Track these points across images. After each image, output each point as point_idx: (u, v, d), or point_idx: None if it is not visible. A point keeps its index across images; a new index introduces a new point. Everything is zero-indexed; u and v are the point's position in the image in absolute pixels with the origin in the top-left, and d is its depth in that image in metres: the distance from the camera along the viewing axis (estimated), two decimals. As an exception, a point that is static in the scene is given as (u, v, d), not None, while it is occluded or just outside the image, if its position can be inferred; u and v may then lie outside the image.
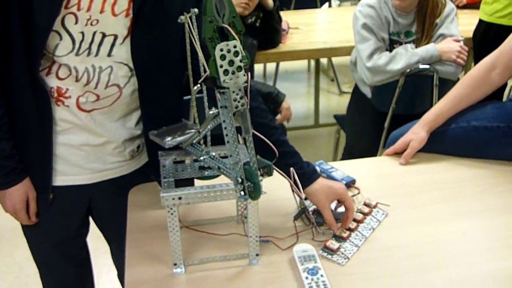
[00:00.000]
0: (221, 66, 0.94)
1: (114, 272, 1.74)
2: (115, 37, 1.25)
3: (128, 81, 1.32)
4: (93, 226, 1.65)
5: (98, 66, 1.27)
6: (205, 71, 1.14)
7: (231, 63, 0.95)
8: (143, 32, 1.26)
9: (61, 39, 1.21)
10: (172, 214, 1.10)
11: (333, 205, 1.32)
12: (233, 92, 0.97)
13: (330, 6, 5.20)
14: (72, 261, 1.64)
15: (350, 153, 2.78)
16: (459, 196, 1.45)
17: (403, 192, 1.48)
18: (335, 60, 4.99)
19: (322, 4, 4.94)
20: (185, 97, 1.18)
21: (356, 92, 2.63)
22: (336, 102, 4.80)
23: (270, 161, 1.12)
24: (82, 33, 1.21)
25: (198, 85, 1.13)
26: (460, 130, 1.62)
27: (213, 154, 1.21)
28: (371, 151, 2.59)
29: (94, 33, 1.22)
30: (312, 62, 5.48)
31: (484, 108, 1.63)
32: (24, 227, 1.52)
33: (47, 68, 1.26)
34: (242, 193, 1.03)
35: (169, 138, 1.21)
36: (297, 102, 4.69)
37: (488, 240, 1.27)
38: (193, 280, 1.15)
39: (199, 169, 1.25)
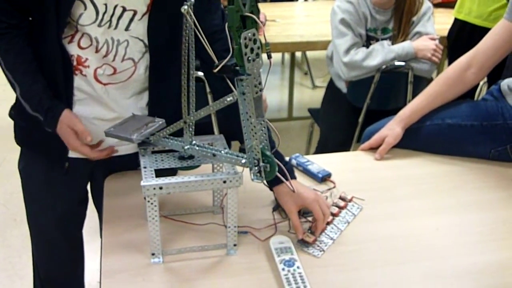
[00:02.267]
0: (245, 54, 0.96)
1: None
2: (135, 12, 1.28)
3: (142, 56, 1.35)
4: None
5: (116, 39, 1.30)
6: (202, 61, 1.14)
7: (251, 50, 0.97)
8: (161, 10, 1.29)
9: (85, 8, 1.23)
10: (152, 204, 1.09)
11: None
12: (254, 78, 0.99)
13: (306, -1, 5.21)
14: (68, 241, 1.65)
15: (323, 147, 2.80)
16: (432, 191, 1.48)
17: (378, 187, 1.50)
18: (309, 53, 5.00)
19: (299, -4, 4.95)
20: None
21: (331, 87, 2.65)
22: (309, 96, 4.82)
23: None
24: (105, 5, 1.24)
25: (192, 71, 1.14)
26: (434, 127, 1.65)
27: (195, 142, 1.21)
28: (344, 145, 2.62)
29: (116, 6, 1.25)
30: (286, 55, 5.49)
31: (458, 106, 1.67)
32: (28, 199, 1.55)
33: (69, 36, 1.29)
34: (258, 174, 1.08)
35: (136, 134, 1.21)
36: (270, 95, 4.69)
37: (460, 235, 1.30)
38: (171, 269, 1.15)
39: (178, 159, 1.25)
